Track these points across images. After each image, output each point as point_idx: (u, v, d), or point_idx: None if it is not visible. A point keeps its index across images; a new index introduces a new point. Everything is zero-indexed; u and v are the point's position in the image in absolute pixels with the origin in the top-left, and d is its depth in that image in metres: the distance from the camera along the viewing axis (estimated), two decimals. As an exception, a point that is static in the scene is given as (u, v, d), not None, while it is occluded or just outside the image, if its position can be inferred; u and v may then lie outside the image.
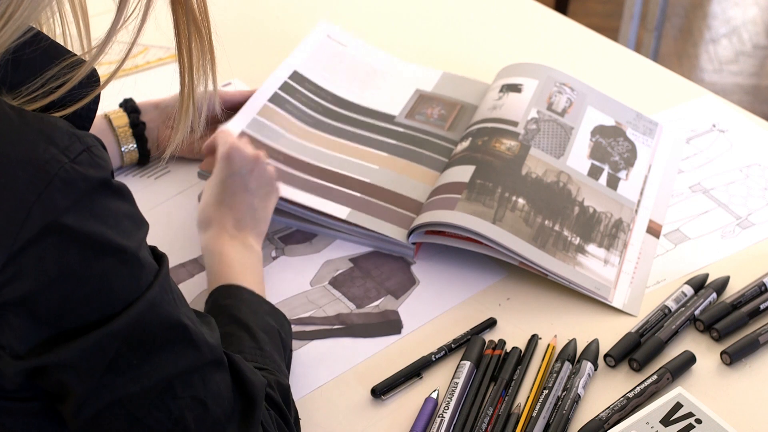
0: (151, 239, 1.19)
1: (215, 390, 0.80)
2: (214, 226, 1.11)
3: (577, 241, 1.18)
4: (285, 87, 1.37)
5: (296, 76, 1.39)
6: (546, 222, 1.18)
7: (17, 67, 0.73)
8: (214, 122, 1.28)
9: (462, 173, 1.21)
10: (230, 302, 1.02)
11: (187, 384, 0.78)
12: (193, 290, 1.14)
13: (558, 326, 1.11)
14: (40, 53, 0.73)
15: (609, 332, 1.09)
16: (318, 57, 1.44)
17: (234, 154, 1.14)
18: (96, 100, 0.78)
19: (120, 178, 1.27)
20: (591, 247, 1.18)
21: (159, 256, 0.80)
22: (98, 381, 0.74)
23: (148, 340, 0.75)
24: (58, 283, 0.71)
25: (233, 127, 1.27)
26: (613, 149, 1.31)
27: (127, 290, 0.74)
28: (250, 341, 0.96)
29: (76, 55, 0.76)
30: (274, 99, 1.34)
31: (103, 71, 0.79)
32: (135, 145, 1.27)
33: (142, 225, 0.77)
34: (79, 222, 0.70)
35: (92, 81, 0.77)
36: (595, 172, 1.27)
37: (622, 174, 1.29)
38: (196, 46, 0.82)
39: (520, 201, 1.18)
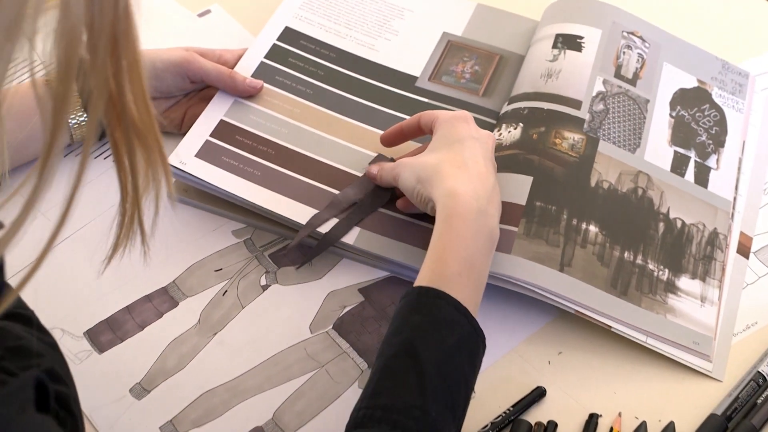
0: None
1: None
2: (449, 179, 0.83)
3: (665, 275, 0.89)
4: (274, 53, 1.05)
5: (288, 34, 1.07)
6: (625, 254, 0.89)
7: None
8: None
9: (516, 188, 0.91)
10: (418, 319, 0.76)
11: None
12: (160, 342, 0.85)
13: (621, 395, 0.85)
14: None
15: (686, 405, 0.85)
16: (315, 3, 1.11)
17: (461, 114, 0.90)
18: None
19: (76, 160, 0.95)
20: (683, 281, 0.89)
21: None
22: None
23: None
24: None
25: (209, 116, 0.98)
26: (699, 124, 1.01)
27: None
28: (412, 392, 0.72)
29: None
30: (261, 72, 1.03)
31: None
32: (86, 116, 0.94)
33: None
34: None
35: None
36: (679, 165, 0.97)
37: (711, 161, 0.99)
38: (141, 158, 0.59)
39: (592, 229, 0.89)
